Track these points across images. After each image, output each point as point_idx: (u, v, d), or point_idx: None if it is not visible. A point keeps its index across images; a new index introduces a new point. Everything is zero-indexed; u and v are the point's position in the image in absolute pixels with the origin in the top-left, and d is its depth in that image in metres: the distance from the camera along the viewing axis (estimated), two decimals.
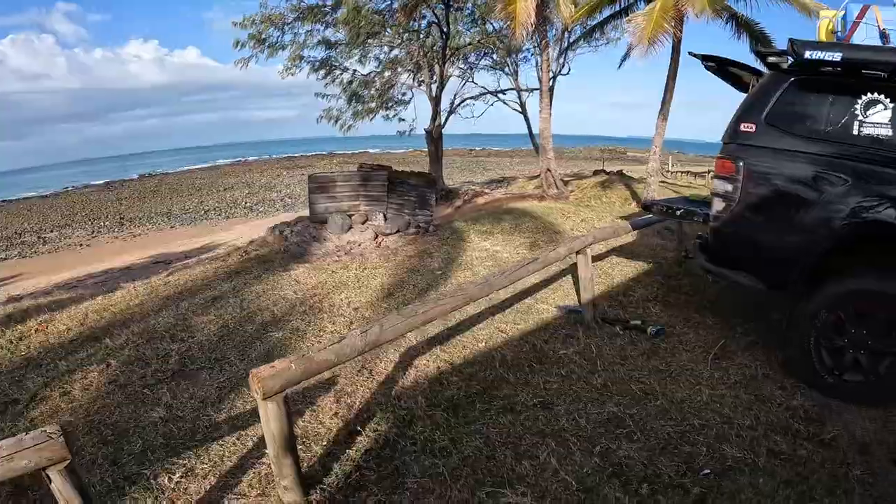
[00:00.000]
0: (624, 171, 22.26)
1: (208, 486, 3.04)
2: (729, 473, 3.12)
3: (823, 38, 5.38)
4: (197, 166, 65.10)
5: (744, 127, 4.53)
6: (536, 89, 25.96)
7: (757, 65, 5.78)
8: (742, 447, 3.36)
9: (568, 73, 24.59)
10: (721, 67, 5.64)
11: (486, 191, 23.19)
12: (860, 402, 3.93)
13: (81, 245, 26.30)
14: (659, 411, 3.76)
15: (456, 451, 3.29)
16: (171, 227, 29.30)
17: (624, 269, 7.38)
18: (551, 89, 25.15)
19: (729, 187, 4.54)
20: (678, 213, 5.82)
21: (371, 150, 70.01)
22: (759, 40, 13.42)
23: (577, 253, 5.16)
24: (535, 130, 27.58)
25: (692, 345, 4.93)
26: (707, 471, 3.12)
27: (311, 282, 7.05)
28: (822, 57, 4.07)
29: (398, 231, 9.76)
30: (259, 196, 38.94)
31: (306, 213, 10.79)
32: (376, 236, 9.56)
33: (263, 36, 21.28)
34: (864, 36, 4.85)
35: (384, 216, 10.19)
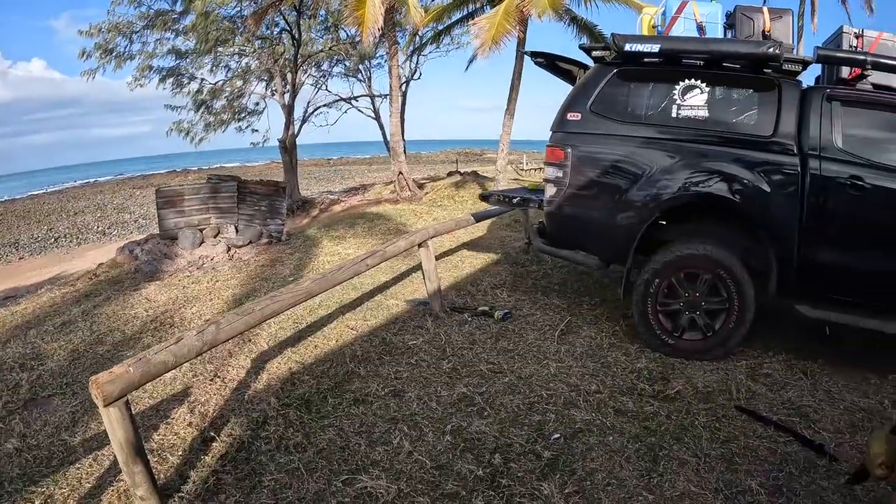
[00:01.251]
0: (478, 172, 23.01)
1: None
2: (579, 436, 3.34)
3: (645, 32, 5.79)
4: (45, 190, 59.21)
5: (570, 116, 4.85)
6: (388, 95, 26.40)
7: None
8: (590, 410, 3.62)
9: (419, 78, 25.10)
10: (550, 63, 5.91)
11: (343, 199, 23.09)
12: (701, 357, 4.36)
13: None
14: (507, 387, 3.95)
15: (310, 445, 3.31)
16: (20, 258, 26.55)
17: (472, 261, 7.68)
18: (404, 94, 25.56)
19: (559, 173, 4.83)
20: (514, 200, 6.08)
21: (227, 164, 66.95)
22: (598, 41, 14.40)
23: (419, 246, 5.31)
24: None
25: (539, 325, 5.20)
26: (557, 435, 3.33)
27: (162, 298, 6.80)
28: (641, 49, 4.49)
29: (250, 242, 9.51)
30: (112, 218, 36.15)
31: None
32: (229, 249, 9.26)
33: (111, 45, 20.07)
34: (682, 29, 5.32)
35: (235, 228, 9.89)
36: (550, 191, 4.91)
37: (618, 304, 5.45)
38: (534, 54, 5.81)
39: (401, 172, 15.89)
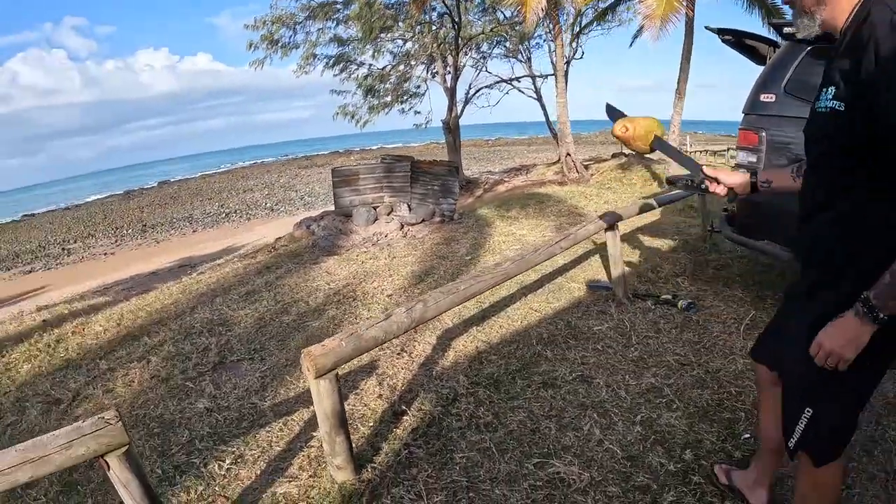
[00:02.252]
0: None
1: (258, 472, 3.12)
2: None
3: None
4: (214, 171, 64.93)
5: (764, 97, 4.56)
6: (550, 75, 26.04)
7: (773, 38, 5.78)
8: None
9: (581, 58, 24.52)
10: (738, 40, 5.62)
11: (506, 179, 23.19)
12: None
13: (106, 254, 26.48)
14: (695, 381, 3.77)
15: (501, 425, 3.37)
16: (194, 231, 29.29)
17: (650, 247, 7.39)
18: (566, 74, 25.07)
19: (752, 157, 4.59)
20: (703, 186, 5.77)
21: (388, 146, 69.79)
22: (771, 12, 13.28)
23: (607, 230, 5.19)
24: (552, 117, 27.70)
25: (723, 317, 4.89)
26: (747, 435, 3.14)
27: (343, 273, 7.14)
28: None
29: (423, 220, 9.82)
30: (279, 196, 38.95)
31: (330, 208, 10.92)
32: (402, 226, 9.64)
33: (276, 37, 21.50)
34: None
35: (408, 206, 10.26)
36: None
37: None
38: (720, 31, 5.49)
39: (568, 154, 15.69)
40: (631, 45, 20.71)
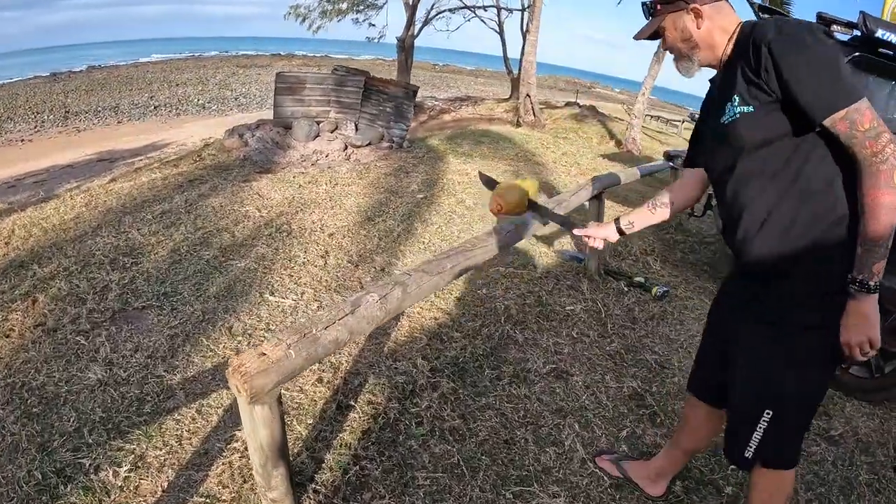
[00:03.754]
0: (596, 107, 21.69)
1: (166, 484, 2.29)
2: None
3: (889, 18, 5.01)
4: (147, 59, 60.44)
5: None
6: (518, 10, 24.98)
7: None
8: None
9: None
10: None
11: (452, 108, 22.30)
12: (861, 398, 3.65)
13: (23, 140, 24.02)
14: (678, 390, 3.33)
15: (470, 432, 2.71)
16: (119, 122, 27.54)
17: (617, 216, 6.85)
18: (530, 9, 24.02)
19: None
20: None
21: (333, 55, 66.67)
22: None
23: (594, 198, 4.54)
24: (511, 54, 26.80)
25: (697, 312, 4.52)
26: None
27: (277, 197, 6.28)
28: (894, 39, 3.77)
29: (370, 144, 8.90)
30: (213, 94, 36.63)
31: (266, 114, 9.82)
32: (346, 147, 8.67)
33: None
34: None
35: (355, 126, 9.27)
36: None
37: None
38: (761, 8, 4.91)
39: (528, 95, 14.88)
40: (619, 1, 19.20)
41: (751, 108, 1.54)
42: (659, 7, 1.70)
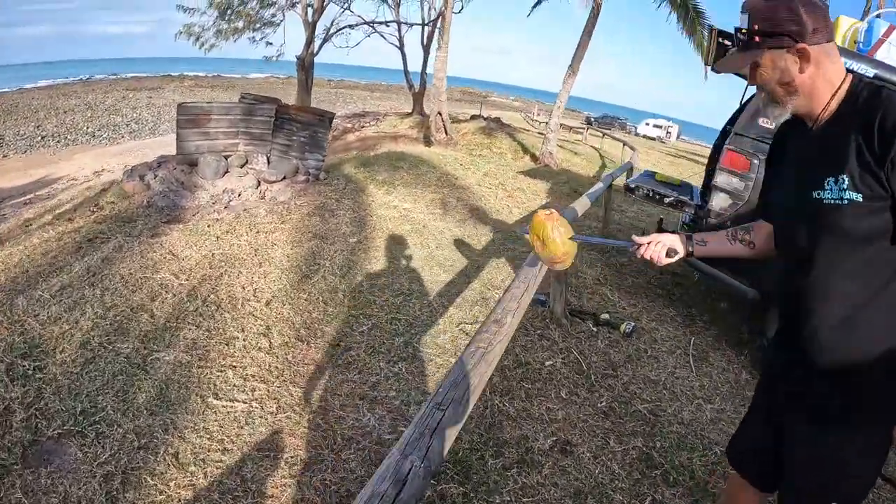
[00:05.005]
0: (501, 119, 21.80)
1: None
2: None
3: (841, 43, 5.03)
4: (32, 84, 56.30)
5: (763, 122, 4.19)
6: (417, 24, 24.79)
7: None
8: None
9: (460, 11, 23.31)
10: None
11: (355, 127, 21.80)
12: None
13: None
14: (679, 440, 3.23)
15: None
16: (4, 155, 25.36)
17: None
18: (434, 24, 23.88)
19: (739, 185, 4.31)
20: (667, 201, 5.37)
21: (225, 74, 64.41)
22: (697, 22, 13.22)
23: None
24: (412, 68, 26.61)
25: (668, 343, 4.51)
26: None
27: (194, 256, 5.42)
28: (854, 68, 3.72)
29: (284, 178, 8.22)
30: (103, 120, 34.46)
31: (159, 142, 8.90)
32: (259, 184, 7.97)
33: None
34: (887, 55, 4.50)
35: (267, 159, 8.57)
36: (723, 202, 4.43)
37: (728, 325, 4.93)
38: (720, 34, 4.86)
39: (440, 113, 14.57)
40: (529, 14, 18.98)
41: (860, 197, 1.33)
42: (758, 39, 1.44)
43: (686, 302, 5.40)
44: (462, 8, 22.99)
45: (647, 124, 47.26)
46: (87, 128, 31.90)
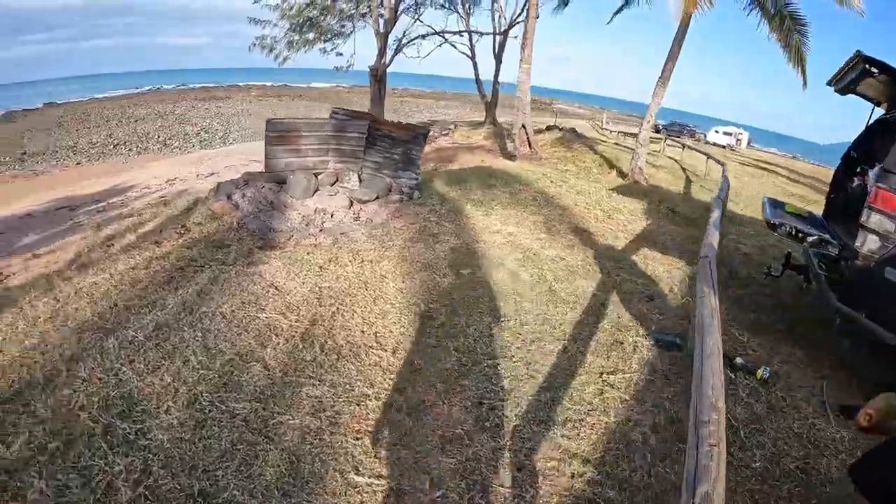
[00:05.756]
0: (576, 129, 21.45)
1: None
2: None
3: None
4: (104, 95, 59.63)
5: None
6: (489, 33, 24.68)
7: None
8: None
9: (538, 17, 23.12)
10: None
11: (429, 138, 21.77)
12: None
13: None
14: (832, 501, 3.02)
15: None
16: (78, 163, 26.73)
17: (667, 272, 6.47)
18: (505, 33, 23.71)
19: (890, 226, 4.09)
20: (810, 239, 5.16)
21: (292, 84, 66.23)
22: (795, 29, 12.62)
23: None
24: (484, 77, 26.50)
25: (803, 391, 4.19)
26: None
27: (299, 290, 5.01)
28: None
29: (377, 197, 8.07)
30: (173, 129, 35.98)
31: (227, 150, 8.85)
32: (351, 204, 7.86)
33: None
34: None
35: (359, 177, 8.48)
36: (873, 243, 4.21)
37: (859, 370, 4.44)
38: (866, 60, 4.65)
39: (523, 126, 14.31)
40: (610, 21, 18.22)
41: None
42: None
43: (809, 340, 5.01)
44: (538, 16, 22.75)
45: (717, 131, 45.60)
46: (159, 136, 33.24)
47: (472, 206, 8.32)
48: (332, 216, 7.54)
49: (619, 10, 17.46)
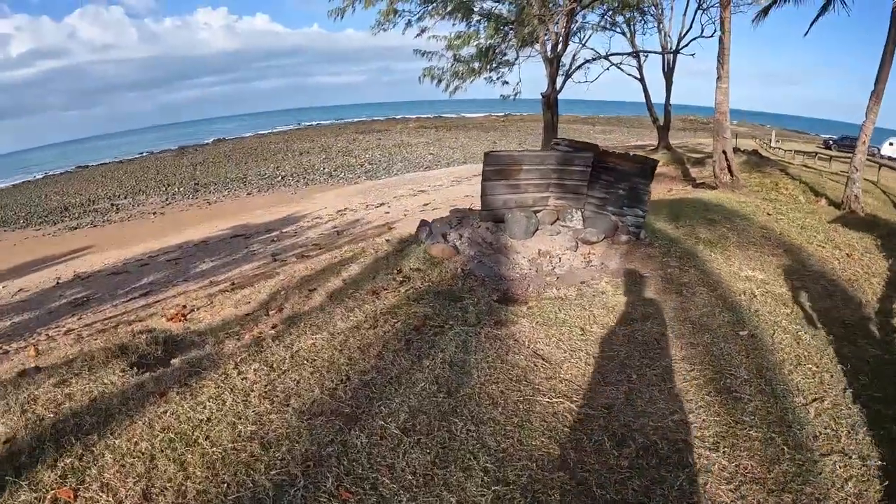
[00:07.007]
0: (759, 151, 19.97)
1: None
2: None
3: None
4: (269, 131, 65.90)
5: None
6: (657, 52, 23.55)
7: None
8: None
9: (712, 36, 21.91)
10: None
11: None
12: None
13: (154, 213, 26.10)
14: None
15: None
16: (248, 193, 29.06)
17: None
18: (676, 51, 22.47)
19: None
20: None
21: (445, 115, 68.47)
22: None
23: None
24: (653, 99, 25.47)
25: None
26: None
27: (566, 361, 4.25)
28: None
29: (604, 238, 7.49)
30: (337, 161, 38.07)
31: (393, 181, 8.49)
32: (576, 245, 7.32)
33: None
34: None
35: (582, 215, 7.92)
36: None
37: None
38: None
39: (724, 152, 13.22)
40: (806, 33, 16.14)
41: None
42: None
43: None
44: (714, 32, 21.35)
45: (892, 144, 40.91)
46: (324, 168, 35.22)
47: (705, 248, 7.54)
48: (559, 260, 7.03)
49: (815, 19, 15.66)
